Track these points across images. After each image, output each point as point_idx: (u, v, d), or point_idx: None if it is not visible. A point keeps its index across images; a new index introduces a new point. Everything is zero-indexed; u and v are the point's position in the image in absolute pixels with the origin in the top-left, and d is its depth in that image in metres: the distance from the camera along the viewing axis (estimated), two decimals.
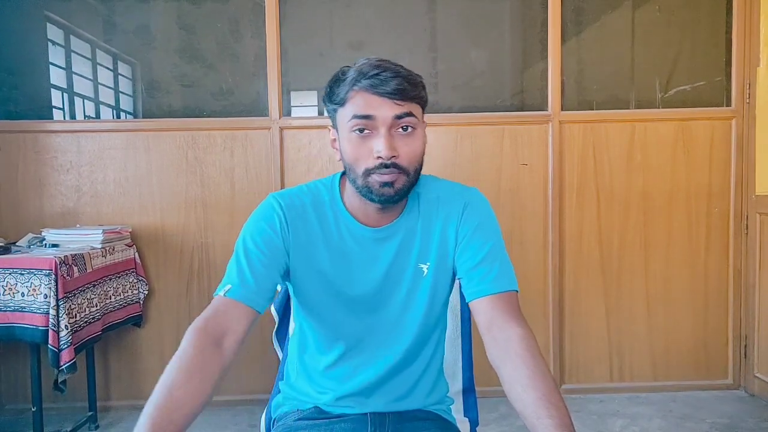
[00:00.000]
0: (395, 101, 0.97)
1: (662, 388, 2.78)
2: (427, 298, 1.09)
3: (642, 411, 2.58)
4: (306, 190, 1.11)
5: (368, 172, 0.99)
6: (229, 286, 0.99)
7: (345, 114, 1.00)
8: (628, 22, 2.80)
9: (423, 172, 1.07)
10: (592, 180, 2.74)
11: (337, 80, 1.02)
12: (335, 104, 1.02)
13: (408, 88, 0.98)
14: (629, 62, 2.80)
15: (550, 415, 0.83)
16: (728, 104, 2.76)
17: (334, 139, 1.06)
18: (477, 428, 1.30)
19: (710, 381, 2.80)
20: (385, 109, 0.97)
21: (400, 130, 0.99)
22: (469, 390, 1.33)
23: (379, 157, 0.98)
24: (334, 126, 1.05)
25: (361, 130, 0.99)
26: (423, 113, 1.05)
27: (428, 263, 1.09)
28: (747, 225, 2.74)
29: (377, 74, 0.97)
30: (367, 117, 0.98)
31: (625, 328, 2.78)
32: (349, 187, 1.06)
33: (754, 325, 2.71)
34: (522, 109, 2.79)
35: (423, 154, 1.04)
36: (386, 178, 0.98)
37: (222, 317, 0.96)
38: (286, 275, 1.09)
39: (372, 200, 1.02)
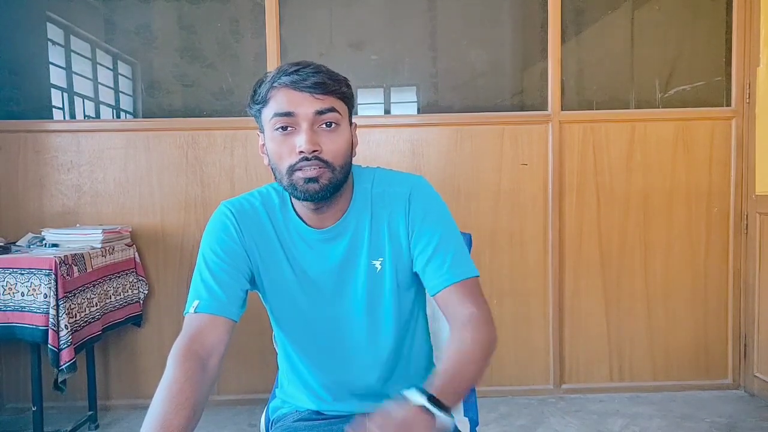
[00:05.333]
0: (315, 96, 0.96)
1: (662, 388, 2.78)
2: (391, 293, 1.08)
3: (642, 411, 2.58)
4: (257, 195, 1.10)
5: (292, 170, 0.98)
6: (197, 301, 0.98)
7: (267, 113, 0.99)
8: (628, 22, 2.80)
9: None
10: (592, 180, 2.74)
11: (259, 82, 1.01)
12: (258, 104, 1.01)
13: (329, 83, 0.97)
14: (629, 62, 2.80)
15: (436, 374, 0.89)
16: (728, 104, 2.76)
17: (263, 144, 1.04)
18: (477, 428, 1.30)
19: (710, 381, 2.80)
20: (306, 105, 0.96)
21: (324, 126, 0.98)
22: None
23: (301, 152, 0.96)
24: (261, 130, 1.04)
25: (284, 128, 0.97)
26: (350, 113, 1.04)
27: (381, 258, 1.07)
28: (747, 225, 2.74)
29: (297, 70, 0.97)
30: (288, 114, 0.96)
31: (625, 327, 2.78)
32: None
33: (753, 325, 2.71)
34: (522, 109, 2.79)
35: (349, 150, 1.02)
36: (310, 173, 0.96)
37: (203, 336, 0.94)
38: (253, 281, 1.08)
39: (299, 198, 1.01)
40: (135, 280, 2.59)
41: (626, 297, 2.77)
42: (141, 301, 2.62)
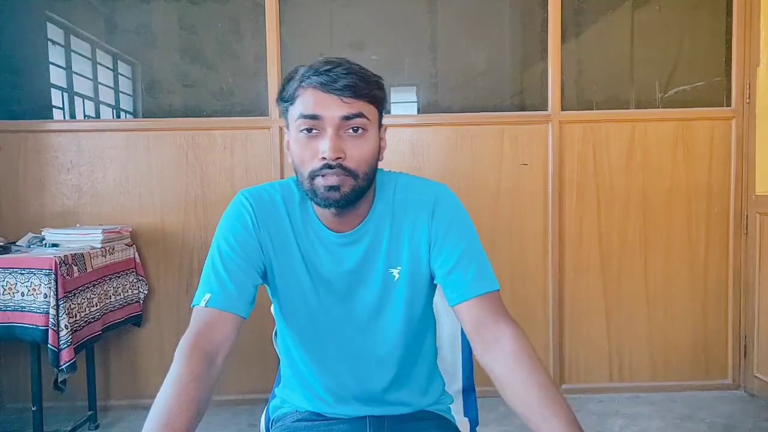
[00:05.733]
0: (344, 99, 0.93)
1: (662, 388, 2.78)
2: (403, 303, 1.06)
3: (642, 411, 2.58)
4: (278, 186, 1.07)
5: (313, 175, 0.95)
6: (208, 294, 0.96)
7: (294, 113, 0.96)
8: (628, 22, 2.80)
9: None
10: (592, 180, 2.74)
11: (289, 78, 0.98)
12: (285, 102, 0.98)
13: (359, 85, 0.93)
14: (629, 62, 2.80)
15: (555, 414, 0.83)
16: (728, 104, 2.76)
17: (289, 140, 1.01)
18: (477, 428, 1.30)
19: (710, 381, 2.80)
20: (333, 109, 0.93)
21: (350, 131, 0.95)
22: (469, 390, 1.33)
23: (323, 158, 0.93)
24: (288, 126, 1.01)
25: (309, 130, 0.94)
26: (380, 115, 1.01)
27: (399, 267, 1.04)
28: (747, 225, 2.74)
29: (328, 70, 0.93)
30: (313, 117, 0.93)
31: (624, 327, 2.78)
32: None
33: (753, 325, 2.71)
34: (522, 109, 2.79)
35: (375, 157, 0.99)
36: (331, 180, 0.94)
37: (211, 332, 0.93)
38: (265, 275, 1.06)
39: (318, 204, 0.98)
40: (135, 280, 2.59)
41: (626, 297, 2.77)
42: (141, 301, 2.62)
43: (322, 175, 0.94)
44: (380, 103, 1.00)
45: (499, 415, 2.53)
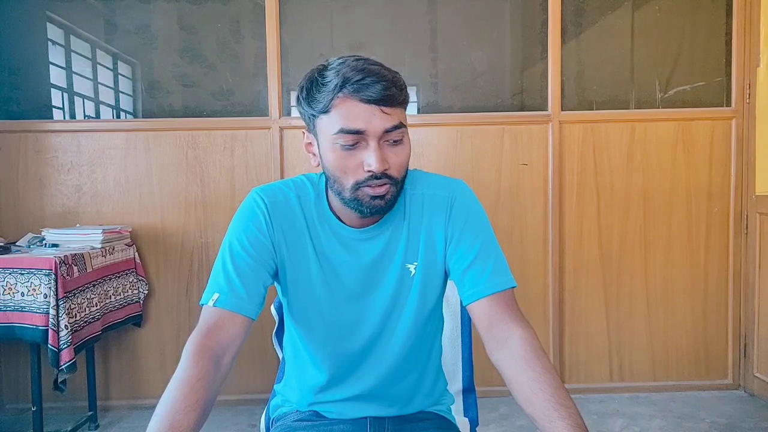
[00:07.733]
0: (383, 109, 0.93)
1: (662, 388, 2.78)
2: (417, 298, 1.06)
3: (642, 411, 2.58)
4: (291, 185, 1.07)
5: (358, 185, 0.95)
6: (217, 294, 0.96)
7: (329, 123, 0.94)
8: (628, 22, 2.80)
9: (411, 168, 1.05)
10: (592, 180, 2.74)
11: (316, 84, 0.96)
12: (318, 111, 0.96)
13: (395, 93, 0.93)
14: (629, 62, 2.80)
15: (561, 417, 0.83)
16: (728, 104, 2.76)
17: (310, 143, 1.01)
18: (477, 428, 1.30)
19: (710, 381, 2.80)
20: (376, 121, 0.93)
21: (390, 140, 0.96)
22: (469, 390, 1.33)
23: (369, 171, 0.94)
24: (311, 130, 1.00)
25: (350, 142, 0.94)
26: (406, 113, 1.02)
27: (416, 263, 1.05)
28: (747, 225, 2.74)
29: (361, 79, 0.92)
30: (357, 132, 0.93)
31: (625, 327, 2.78)
32: None
33: (753, 325, 2.71)
34: (522, 109, 2.79)
35: (409, 159, 1.01)
36: (379, 191, 0.95)
37: (220, 332, 0.93)
38: (276, 275, 1.06)
39: (362, 212, 0.98)
40: (135, 280, 2.59)
41: (626, 297, 2.77)
42: (141, 301, 2.62)
43: (370, 186, 0.95)
44: (408, 104, 1.00)
45: (499, 416, 2.53)
